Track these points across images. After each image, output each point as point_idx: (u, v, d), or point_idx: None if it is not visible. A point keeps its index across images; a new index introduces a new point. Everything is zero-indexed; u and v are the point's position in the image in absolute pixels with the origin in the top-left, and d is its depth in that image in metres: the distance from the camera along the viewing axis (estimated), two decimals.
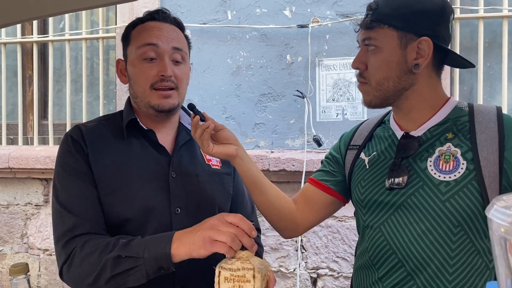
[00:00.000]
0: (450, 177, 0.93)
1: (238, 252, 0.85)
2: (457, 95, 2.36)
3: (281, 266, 2.43)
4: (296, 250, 2.41)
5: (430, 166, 0.96)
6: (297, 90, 2.39)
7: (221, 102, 2.51)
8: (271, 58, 2.45)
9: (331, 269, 2.38)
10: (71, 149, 1.04)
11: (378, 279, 1.00)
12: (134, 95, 1.12)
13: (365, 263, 1.05)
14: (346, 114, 2.39)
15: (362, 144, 1.13)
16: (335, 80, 2.39)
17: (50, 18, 2.79)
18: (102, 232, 1.00)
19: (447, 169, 0.94)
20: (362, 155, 1.11)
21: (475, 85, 2.37)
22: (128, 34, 1.12)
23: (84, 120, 2.78)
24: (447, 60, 1.03)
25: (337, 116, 2.40)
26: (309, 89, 2.39)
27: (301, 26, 2.39)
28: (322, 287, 2.39)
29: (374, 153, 1.08)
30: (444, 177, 0.94)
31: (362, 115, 2.35)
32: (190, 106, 1.08)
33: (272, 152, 2.42)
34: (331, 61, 2.39)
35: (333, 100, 2.40)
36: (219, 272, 0.82)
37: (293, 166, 2.33)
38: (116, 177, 1.04)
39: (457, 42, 2.34)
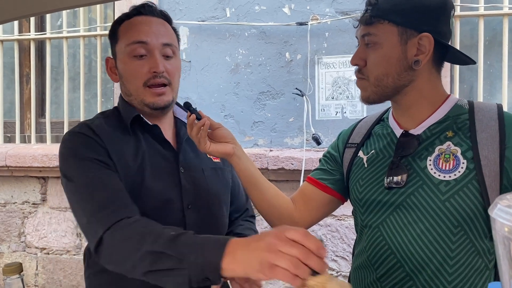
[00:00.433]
0: (450, 177, 0.92)
1: (310, 279, 0.68)
2: (457, 93, 2.35)
3: None
4: None
5: (430, 165, 0.95)
6: (296, 88, 2.38)
7: (219, 100, 2.50)
8: (270, 56, 2.44)
9: (330, 268, 2.38)
10: (89, 143, 0.99)
11: (377, 279, 1.00)
12: (127, 92, 1.10)
13: (363, 263, 1.04)
14: (345, 112, 2.38)
15: (361, 142, 1.12)
16: (334, 78, 2.39)
17: (48, 15, 2.78)
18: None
19: (447, 168, 0.93)
20: (361, 154, 1.10)
21: (475, 83, 2.36)
22: (115, 31, 1.09)
23: (82, 118, 2.77)
24: (447, 56, 1.02)
25: (336, 115, 2.39)
26: (308, 87, 2.39)
27: (300, 24, 2.38)
28: None
29: (373, 151, 1.07)
30: (444, 177, 0.93)
31: (362, 113, 2.34)
32: (186, 105, 1.07)
33: (271, 150, 2.42)
34: (330, 59, 2.38)
35: (333, 98, 2.39)
36: None
37: (292, 164, 2.32)
38: (133, 173, 1.01)
39: (457, 40, 2.33)
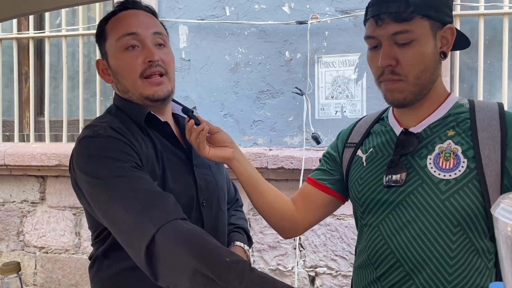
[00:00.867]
0: (450, 176, 0.92)
1: None
2: (457, 93, 2.36)
3: (279, 265, 2.43)
4: (294, 249, 2.41)
5: (430, 164, 0.95)
6: (295, 87, 2.38)
7: (219, 99, 2.50)
8: (269, 55, 2.44)
9: (329, 268, 2.38)
10: (115, 142, 0.94)
11: (377, 278, 0.99)
12: (124, 90, 1.06)
13: (363, 262, 1.04)
14: (345, 111, 2.38)
15: (360, 141, 1.11)
16: (334, 77, 2.38)
17: (47, 14, 2.78)
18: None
19: (447, 167, 0.93)
20: (359, 153, 1.09)
21: (475, 82, 2.37)
22: (103, 30, 1.07)
23: (81, 117, 2.77)
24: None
25: (336, 114, 2.39)
26: (308, 86, 2.38)
27: (300, 23, 2.38)
28: (320, 286, 2.39)
29: (372, 149, 1.06)
30: (444, 176, 0.92)
31: (361, 112, 2.34)
32: (185, 110, 1.06)
33: (270, 149, 2.41)
34: (330, 58, 2.38)
35: (332, 97, 2.39)
36: None
37: (291, 164, 2.32)
38: (157, 175, 0.98)
39: None
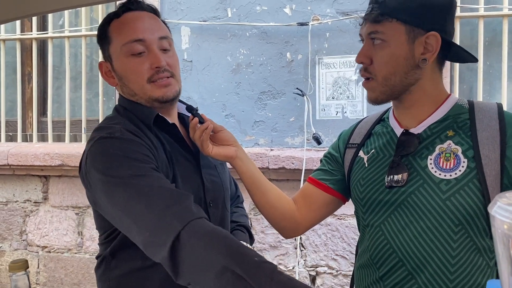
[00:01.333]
0: (450, 175, 0.93)
1: None
2: (457, 94, 2.36)
3: (280, 264, 2.43)
4: (295, 248, 2.42)
5: (431, 164, 0.95)
6: (297, 88, 2.39)
7: (220, 99, 2.51)
8: (271, 56, 2.45)
9: (330, 267, 2.39)
10: (138, 145, 0.94)
11: (379, 278, 1.00)
12: (130, 93, 1.05)
13: (365, 262, 1.05)
14: (345, 112, 2.39)
15: (361, 142, 1.12)
16: (335, 78, 2.39)
17: (50, 15, 2.79)
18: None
19: (447, 167, 0.94)
20: (361, 153, 1.10)
21: (475, 83, 2.37)
22: (106, 32, 1.04)
23: (84, 117, 2.78)
24: (449, 55, 1.02)
25: (336, 114, 2.40)
26: (309, 87, 2.39)
27: (301, 24, 2.39)
28: (321, 285, 2.40)
29: (373, 150, 1.07)
30: (445, 175, 0.93)
31: (362, 113, 2.35)
32: (189, 108, 1.06)
33: (271, 150, 2.42)
34: (331, 59, 2.39)
35: (333, 98, 2.40)
36: None
37: (292, 164, 2.33)
38: (169, 178, 0.98)
39: (457, 41, 2.34)
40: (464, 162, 0.93)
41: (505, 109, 0.98)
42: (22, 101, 2.91)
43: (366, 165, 1.07)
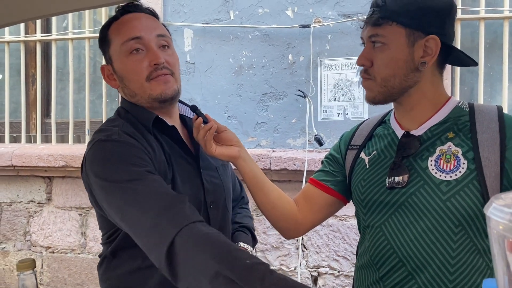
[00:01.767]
0: (451, 177, 0.93)
1: None
2: (458, 96, 2.37)
3: (282, 265, 2.44)
4: (297, 249, 2.42)
5: (431, 165, 0.96)
6: (298, 90, 2.39)
7: (223, 101, 2.52)
8: (273, 58, 2.46)
9: (331, 268, 2.40)
10: (134, 149, 0.94)
11: (379, 278, 1.00)
12: (131, 94, 1.06)
13: (366, 263, 1.05)
14: (347, 113, 2.40)
15: (362, 143, 1.12)
16: (336, 80, 2.40)
17: (53, 17, 2.80)
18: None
19: (448, 168, 0.94)
20: (362, 155, 1.10)
21: (476, 85, 2.38)
22: (106, 35, 1.06)
23: (87, 118, 2.80)
24: (450, 58, 1.03)
25: (338, 116, 2.41)
26: (310, 88, 2.40)
27: (303, 26, 2.39)
28: (323, 286, 2.40)
29: (374, 152, 1.08)
30: (445, 177, 0.94)
31: (363, 115, 2.36)
32: (193, 108, 1.07)
33: (273, 151, 2.43)
34: (332, 61, 2.40)
35: (335, 100, 2.41)
36: None
37: (294, 165, 2.34)
38: (168, 180, 0.99)
39: (458, 43, 2.34)
40: (464, 163, 0.93)
41: (506, 110, 0.99)
42: (26, 102, 2.93)
43: (367, 167, 1.07)
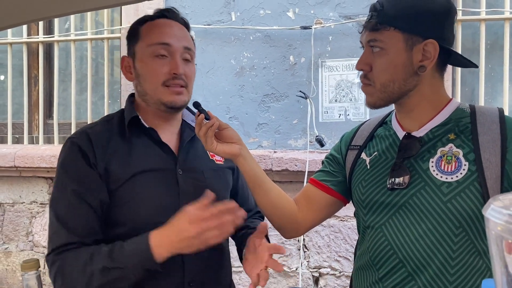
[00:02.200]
0: (452, 178, 0.93)
1: None
2: (459, 97, 2.37)
3: (283, 265, 2.44)
4: (298, 249, 2.43)
5: (432, 166, 0.96)
6: (300, 91, 2.40)
7: (224, 102, 2.53)
8: (274, 59, 2.47)
9: (333, 268, 2.40)
10: (78, 158, 1.02)
11: (379, 279, 1.00)
12: (142, 92, 1.11)
13: (365, 263, 1.05)
14: (348, 114, 2.40)
15: (363, 144, 1.12)
16: (337, 81, 2.41)
17: (56, 19, 2.81)
18: (94, 242, 1.01)
19: (449, 170, 0.94)
20: (363, 155, 1.10)
21: (477, 86, 2.38)
22: (137, 31, 1.10)
23: (89, 119, 2.80)
24: (450, 60, 1.03)
25: (339, 117, 2.42)
26: (312, 90, 2.41)
27: (304, 28, 2.40)
28: (324, 286, 2.41)
29: (375, 153, 1.07)
30: (446, 178, 0.94)
31: (364, 116, 2.36)
32: (196, 104, 1.08)
33: (275, 152, 2.44)
34: (334, 62, 2.41)
35: (336, 101, 2.42)
36: None
37: (295, 166, 2.35)
38: (123, 182, 1.03)
39: (458, 44, 2.35)
40: (465, 165, 0.93)
41: (507, 111, 0.99)
42: (28, 103, 2.94)
43: (368, 167, 1.07)
